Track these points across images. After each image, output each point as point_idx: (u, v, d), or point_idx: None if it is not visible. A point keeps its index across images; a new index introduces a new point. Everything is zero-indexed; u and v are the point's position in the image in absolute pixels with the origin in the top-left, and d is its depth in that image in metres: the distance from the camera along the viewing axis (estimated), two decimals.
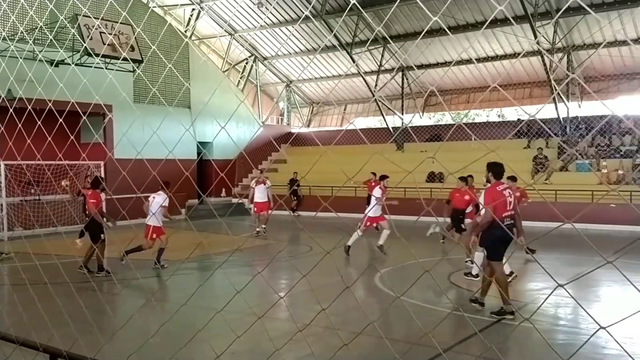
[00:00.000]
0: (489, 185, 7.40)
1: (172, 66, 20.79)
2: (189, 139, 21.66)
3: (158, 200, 10.52)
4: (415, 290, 8.35)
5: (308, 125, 30.74)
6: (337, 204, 18.72)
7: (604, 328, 4.68)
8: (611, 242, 12.88)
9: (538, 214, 13.63)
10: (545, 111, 22.74)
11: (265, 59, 27.63)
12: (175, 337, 5.77)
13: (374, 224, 11.90)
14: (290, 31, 24.43)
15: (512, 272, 9.02)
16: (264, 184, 15.45)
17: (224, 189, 24.51)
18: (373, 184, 15.62)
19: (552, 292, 2.60)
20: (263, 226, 15.47)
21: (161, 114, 19.88)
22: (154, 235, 10.41)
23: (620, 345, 3.80)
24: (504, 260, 7.27)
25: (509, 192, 7.01)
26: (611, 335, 6.14)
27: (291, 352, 5.64)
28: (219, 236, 15.04)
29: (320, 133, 29.05)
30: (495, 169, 7.10)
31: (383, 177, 11.86)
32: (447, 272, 9.83)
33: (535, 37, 19.45)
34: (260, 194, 15.29)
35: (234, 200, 23.91)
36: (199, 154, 22.15)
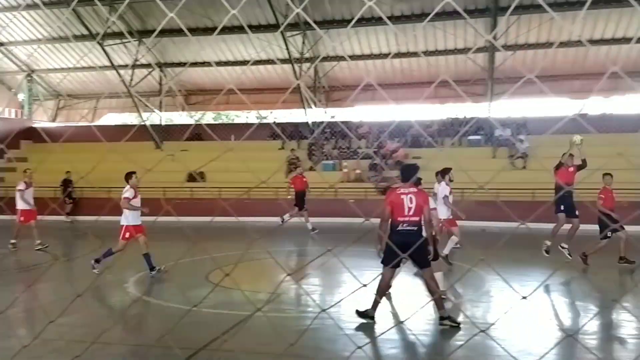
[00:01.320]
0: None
1: None
2: None
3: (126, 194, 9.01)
4: (174, 292, 8.28)
5: (54, 120, 27.88)
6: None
7: (324, 310, 5.23)
8: (351, 233, 14.50)
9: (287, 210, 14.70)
10: (298, 115, 24.54)
11: (1, 44, 24.20)
12: None
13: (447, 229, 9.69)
14: (31, 16, 21.85)
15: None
16: (31, 187, 12.59)
17: None
18: (305, 180, 15.20)
19: (281, 281, 2.88)
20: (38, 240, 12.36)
21: None
22: (127, 235, 9.05)
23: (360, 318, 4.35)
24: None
25: (411, 198, 6.44)
26: (333, 315, 6.84)
27: None
28: None
29: (69, 129, 26.55)
30: (402, 172, 6.71)
31: (445, 172, 9.53)
32: (206, 271, 9.93)
33: (287, 46, 20.89)
34: (29, 200, 12.44)
35: None
36: None
